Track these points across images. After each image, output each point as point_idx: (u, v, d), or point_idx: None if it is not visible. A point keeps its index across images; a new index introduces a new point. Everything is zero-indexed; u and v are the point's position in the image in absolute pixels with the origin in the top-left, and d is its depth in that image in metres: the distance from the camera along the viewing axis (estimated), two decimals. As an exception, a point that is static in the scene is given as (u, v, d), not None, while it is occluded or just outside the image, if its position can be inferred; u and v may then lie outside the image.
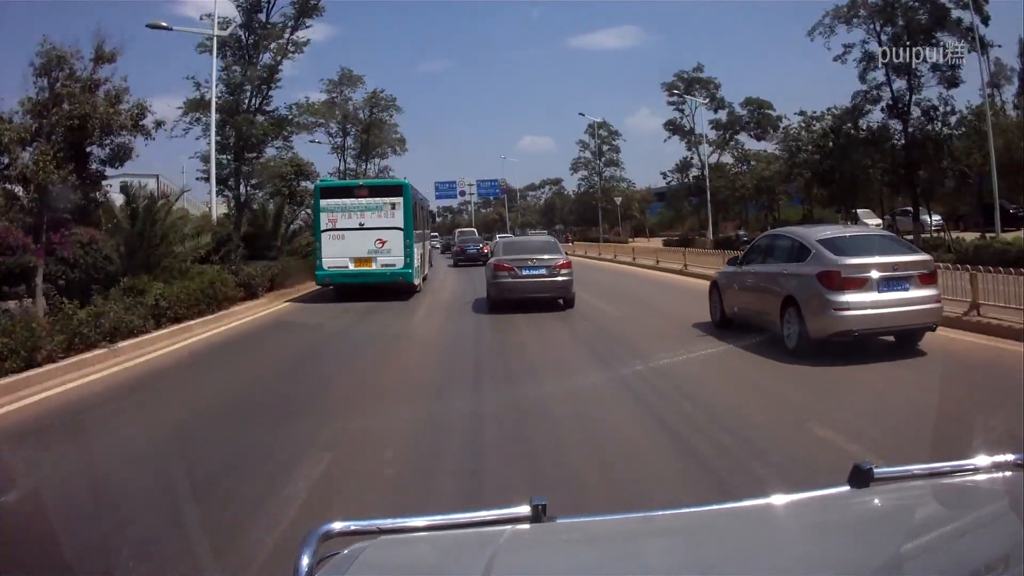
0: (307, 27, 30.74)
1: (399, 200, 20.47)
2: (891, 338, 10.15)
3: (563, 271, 16.41)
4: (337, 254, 20.02)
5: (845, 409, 7.49)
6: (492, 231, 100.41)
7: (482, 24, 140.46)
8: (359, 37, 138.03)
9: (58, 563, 4.11)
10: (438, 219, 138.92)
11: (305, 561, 1.32)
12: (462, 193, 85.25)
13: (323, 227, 20.25)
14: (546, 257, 16.66)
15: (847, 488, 1.56)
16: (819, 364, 9.19)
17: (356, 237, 20.06)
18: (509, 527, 1.48)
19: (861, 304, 9.35)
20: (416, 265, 20.90)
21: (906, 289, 9.55)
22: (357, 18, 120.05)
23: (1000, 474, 1.55)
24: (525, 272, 16.33)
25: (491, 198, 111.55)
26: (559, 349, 12.15)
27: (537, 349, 12.03)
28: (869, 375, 8.88)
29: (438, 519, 1.50)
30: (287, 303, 20.66)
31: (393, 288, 20.21)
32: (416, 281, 21.19)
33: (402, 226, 20.27)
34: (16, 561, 4.22)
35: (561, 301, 16.62)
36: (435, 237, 63.54)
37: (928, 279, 9.74)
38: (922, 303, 9.57)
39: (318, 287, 21.55)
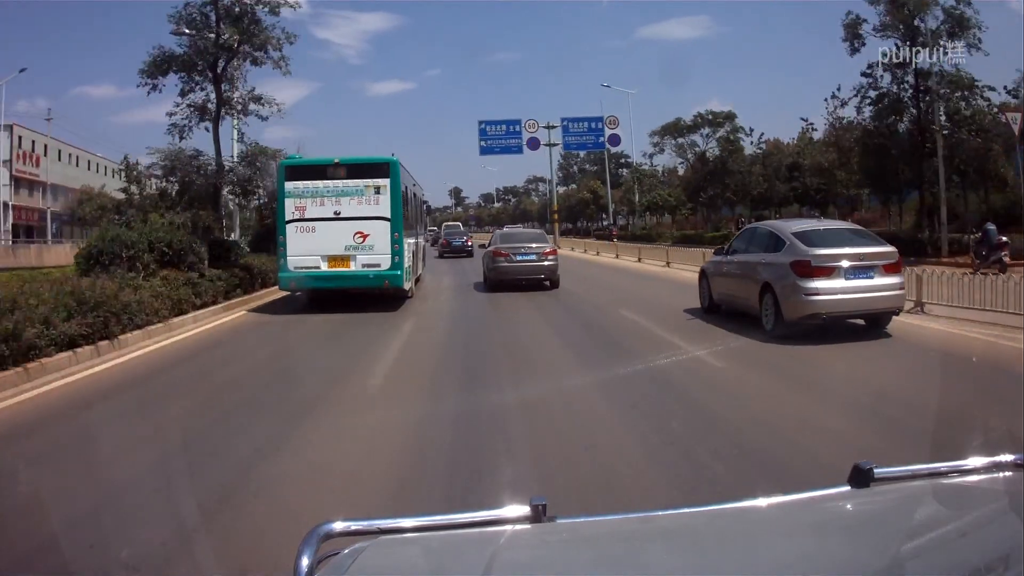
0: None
1: (385, 183, 14.54)
2: (862, 322, 10.06)
3: (549, 257, 17.56)
4: (306, 251, 14.31)
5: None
6: (580, 220, 67.92)
7: (552, 15, 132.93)
8: (427, 27, 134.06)
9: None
10: (496, 204, 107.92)
11: (305, 561, 1.18)
12: (533, 145, 44.02)
13: (288, 217, 14.50)
14: (535, 246, 17.84)
15: (847, 488, 1.40)
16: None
17: (330, 229, 14.34)
18: (509, 527, 1.32)
19: (830, 290, 9.38)
20: (407, 265, 15.02)
21: (871, 277, 9.55)
22: (424, 8, 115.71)
23: (1000, 474, 1.40)
24: (519, 258, 17.47)
25: (581, 158, 73.07)
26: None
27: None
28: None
29: (438, 519, 1.34)
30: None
31: (378, 293, 14.76)
32: (407, 285, 15.17)
33: (388, 216, 14.41)
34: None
35: (548, 282, 17.58)
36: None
37: (892, 268, 9.74)
38: (886, 290, 9.58)
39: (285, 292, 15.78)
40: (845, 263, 9.43)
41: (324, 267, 14.33)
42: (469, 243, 37.37)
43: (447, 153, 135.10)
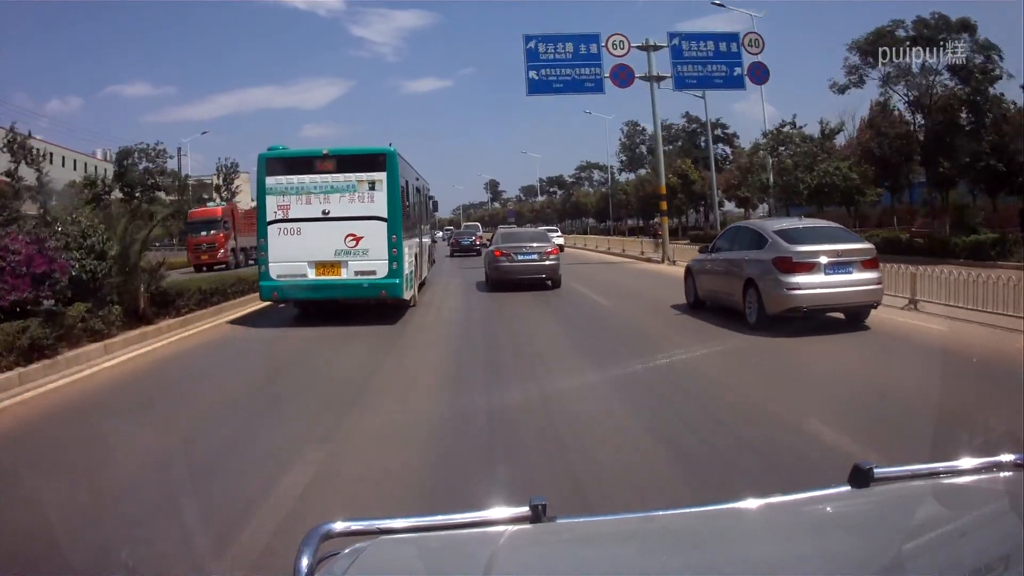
0: None
1: (381, 177, 11.92)
2: (841, 316, 10.02)
3: (551, 256, 16.64)
4: (290, 257, 11.76)
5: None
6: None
7: (586, 11, 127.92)
8: (461, 25, 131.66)
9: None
10: (540, 197, 79.16)
11: (305, 561, 1.12)
12: (621, 78, 23.78)
13: (270, 217, 11.95)
14: (536, 245, 16.86)
15: (847, 488, 1.34)
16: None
17: (318, 231, 11.80)
18: (509, 527, 1.26)
19: (810, 285, 9.40)
20: (407, 272, 12.43)
21: (850, 272, 9.54)
22: (459, 5, 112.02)
23: (1000, 474, 1.34)
24: (520, 257, 16.54)
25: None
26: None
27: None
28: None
29: (438, 519, 1.28)
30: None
31: (375, 303, 12.23)
32: (407, 294, 12.61)
33: (385, 215, 11.82)
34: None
35: (549, 282, 16.74)
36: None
37: (870, 264, 9.71)
38: (864, 284, 9.55)
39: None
40: (824, 259, 9.42)
41: (311, 275, 11.84)
42: (477, 243, 38.31)
43: (484, 147, 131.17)
